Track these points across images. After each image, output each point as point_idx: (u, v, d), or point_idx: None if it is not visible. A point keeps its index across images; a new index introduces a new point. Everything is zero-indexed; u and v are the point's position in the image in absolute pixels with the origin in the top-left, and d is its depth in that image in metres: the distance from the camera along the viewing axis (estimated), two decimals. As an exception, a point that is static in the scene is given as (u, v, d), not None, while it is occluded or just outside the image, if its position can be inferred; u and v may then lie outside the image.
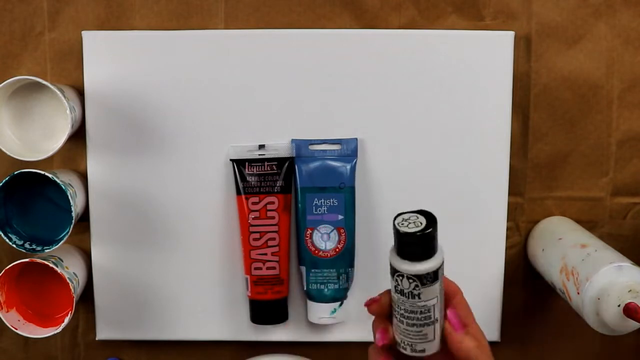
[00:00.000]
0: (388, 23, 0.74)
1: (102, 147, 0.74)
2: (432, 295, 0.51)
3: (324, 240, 0.74)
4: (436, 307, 0.52)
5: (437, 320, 0.53)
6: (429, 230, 0.49)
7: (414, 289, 0.50)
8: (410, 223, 0.50)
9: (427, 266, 0.50)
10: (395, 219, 0.50)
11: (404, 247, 0.50)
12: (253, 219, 0.74)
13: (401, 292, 0.51)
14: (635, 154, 0.76)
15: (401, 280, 0.50)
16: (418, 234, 0.49)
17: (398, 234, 0.50)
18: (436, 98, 0.74)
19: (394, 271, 0.51)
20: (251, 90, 0.74)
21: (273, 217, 0.74)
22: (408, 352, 0.54)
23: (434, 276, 0.51)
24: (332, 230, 0.74)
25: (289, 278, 0.76)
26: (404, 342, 0.53)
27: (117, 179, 0.75)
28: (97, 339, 0.78)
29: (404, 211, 0.51)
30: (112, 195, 0.75)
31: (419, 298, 0.51)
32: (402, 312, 0.52)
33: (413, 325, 0.52)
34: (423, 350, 0.53)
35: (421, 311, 0.51)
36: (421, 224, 0.50)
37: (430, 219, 0.50)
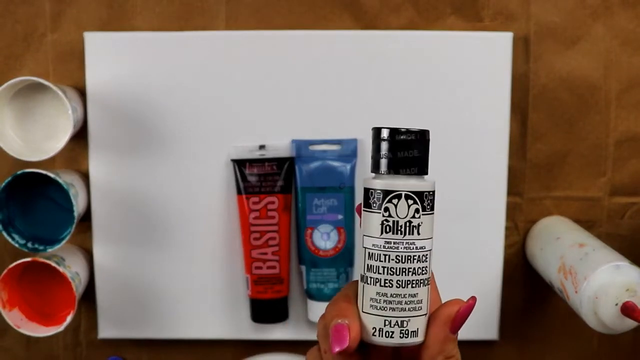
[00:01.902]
0: (387, 24, 0.75)
1: (104, 148, 0.75)
2: (430, 234, 0.40)
3: (324, 239, 0.74)
4: (431, 258, 0.40)
5: (430, 281, 0.41)
6: (427, 131, 0.41)
7: (413, 216, 0.39)
8: (399, 128, 0.40)
9: (429, 182, 0.40)
10: (374, 128, 0.41)
11: (399, 153, 0.40)
12: (253, 218, 0.74)
13: (394, 229, 0.39)
14: (633, 154, 0.76)
15: (396, 207, 0.39)
16: (418, 130, 0.40)
17: (390, 137, 0.40)
18: (435, 99, 0.74)
19: (385, 196, 0.39)
20: (252, 90, 0.74)
21: (273, 217, 0.74)
22: (395, 338, 0.39)
23: (433, 201, 0.40)
24: (332, 230, 0.74)
25: (289, 277, 0.76)
26: (388, 323, 0.39)
27: (118, 178, 0.75)
28: (98, 337, 0.78)
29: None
30: (114, 195, 0.75)
31: (418, 233, 0.39)
32: (390, 266, 0.39)
33: (407, 284, 0.39)
34: (415, 333, 0.40)
35: (419, 257, 0.39)
36: (413, 129, 0.41)
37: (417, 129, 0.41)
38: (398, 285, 0.39)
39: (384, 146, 0.40)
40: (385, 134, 0.40)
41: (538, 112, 0.76)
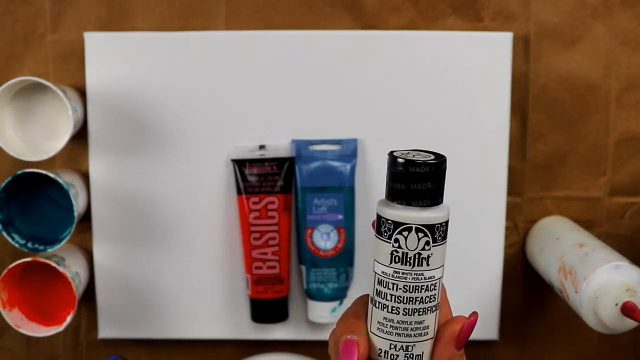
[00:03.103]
0: (387, 24, 0.75)
1: (104, 148, 0.75)
2: (440, 262, 0.40)
3: (324, 239, 0.74)
4: (440, 284, 0.40)
5: (439, 306, 0.41)
6: (444, 160, 0.39)
7: (423, 248, 0.39)
8: (415, 155, 0.39)
9: (442, 213, 0.39)
10: (391, 154, 0.40)
11: (412, 185, 0.39)
12: (253, 218, 0.74)
13: (403, 259, 0.39)
14: (633, 154, 0.76)
15: (405, 239, 0.39)
16: (434, 162, 0.39)
17: (404, 168, 0.39)
18: (435, 99, 0.74)
19: (395, 227, 0.39)
20: (252, 90, 0.74)
21: (273, 217, 0.74)
22: None
23: (446, 230, 0.39)
24: (332, 230, 0.74)
25: (289, 277, 0.76)
26: (394, 347, 0.40)
27: (118, 178, 0.75)
28: (99, 337, 0.78)
29: (397, 149, 0.40)
30: (114, 195, 0.75)
31: (427, 264, 0.39)
32: (397, 295, 0.40)
33: (413, 312, 0.40)
34: (420, 356, 0.40)
35: (427, 287, 0.40)
36: (429, 156, 0.39)
37: (434, 153, 0.40)
38: (405, 313, 0.40)
39: (398, 176, 0.39)
40: (399, 164, 0.39)
41: (538, 112, 0.76)
